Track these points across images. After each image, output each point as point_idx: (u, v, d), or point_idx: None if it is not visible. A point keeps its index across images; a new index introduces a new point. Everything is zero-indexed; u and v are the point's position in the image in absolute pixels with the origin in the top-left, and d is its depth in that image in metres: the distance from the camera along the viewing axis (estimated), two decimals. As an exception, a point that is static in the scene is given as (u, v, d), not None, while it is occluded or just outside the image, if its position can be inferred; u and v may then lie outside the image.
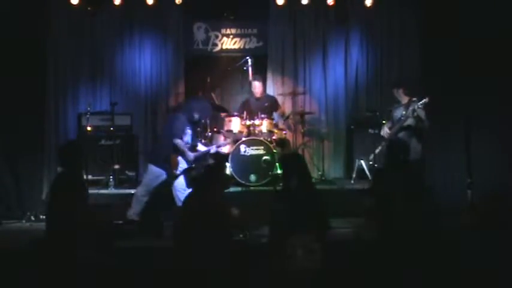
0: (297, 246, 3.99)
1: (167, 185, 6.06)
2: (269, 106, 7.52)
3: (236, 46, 8.36)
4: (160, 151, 6.09)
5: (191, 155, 6.02)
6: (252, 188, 6.88)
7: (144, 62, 8.04)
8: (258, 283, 4.07)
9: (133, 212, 5.97)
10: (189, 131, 6.13)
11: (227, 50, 8.37)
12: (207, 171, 4.72)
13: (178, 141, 5.95)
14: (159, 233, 5.67)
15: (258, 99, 7.62)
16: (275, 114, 7.58)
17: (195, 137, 6.37)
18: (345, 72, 8.19)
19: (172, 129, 6.03)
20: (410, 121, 6.19)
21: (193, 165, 6.10)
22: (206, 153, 6.46)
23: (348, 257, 4.74)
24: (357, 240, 5.04)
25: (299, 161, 4.50)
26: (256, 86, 7.57)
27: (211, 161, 7.13)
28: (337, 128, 8.22)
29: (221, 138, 7.54)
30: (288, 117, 7.75)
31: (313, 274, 3.95)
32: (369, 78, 8.17)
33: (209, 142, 7.24)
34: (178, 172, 6.00)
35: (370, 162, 6.79)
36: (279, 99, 7.88)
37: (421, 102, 6.00)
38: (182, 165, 6.04)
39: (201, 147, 6.43)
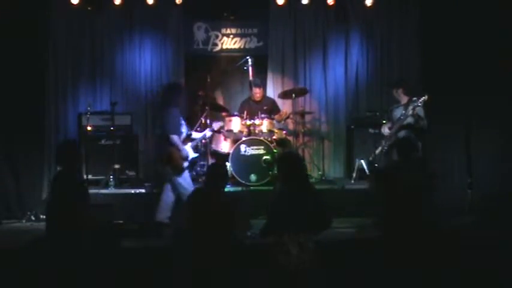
0: (292, 244, 4.00)
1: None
2: (268, 109, 7.48)
3: (236, 46, 8.36)
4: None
5: (185, 151, 6.00)
6: (252, 188, 6.87)
7: (144, 61, 8.02)
8: (258, 283, 4.08)
9: (164, 216, 5.98)
10: (183, 122, 6.16)
11: (227, 50, 8.36)
12: (210, 171, 4.74)
13: (174, 137, 5.92)
14: (159, 233, 5.67)
15: (257, 102, 7.61)
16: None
17: (187, 126, 6.36)
18: (345, 72, 8.18)
19: (169, 125, 5.97)
20: (409, 120, 6.18)
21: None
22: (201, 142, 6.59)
23: (347, 257, 4.75)
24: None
25: (295, 160, 4.50)
26: (257, 92, 7.56)
27: (211, 160, 7.16)
28: (337, 128, 8.21)
29: (221, 138, 7.54)
30: (287, 117, 7.74)
31: (307, 273, 3.96)
32: (369, 78, 8.15)
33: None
34: (185, 165, 6.02)
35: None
36: (279, 100, 7.86)
37: (420, 100, 5.99)
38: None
39: (196, 135, 6.49)
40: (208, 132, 6.60)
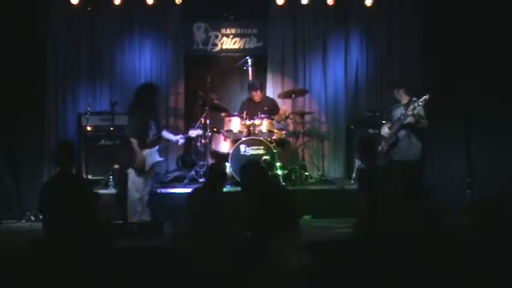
0: (284, 244, 4.01)
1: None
2: (268, 110, 7.46)
3: (236, 46, 8.35)
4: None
5: (140, 156, 5.86)
6: (252, 188, 6.86)
7: (144, 62, 8.02)
8: (258, 283, 4.08)
9: (135, 216, 5.95)
10: (151, 124, 6.01)
11: (227, 50, 8.36)
12: (209, 171, 4.77)
13: (132, 140, 5.86)
14: (159, 233, 5.67)
15: (256, 103, 7.59)
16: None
17: (159, 127, 6.19)
18: (345, 72, 8.17)
19: (129, 128, 6.00)
20: (410, 119, 6.17)
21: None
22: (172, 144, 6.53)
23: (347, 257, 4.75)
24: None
25: (251, 169, 4.59)
26: (255, 95, 7.53)
27: (211, 161, 7.17)
28: (337, 128, 8.20)
29: (221, 138, 7.53)
30: (287, 117, 7.74)
31: (302, 271, 3.96)
32: (369, 78, 8.15)
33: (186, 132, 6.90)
34: (148, 166, 5.95)
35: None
36: (278, 100, 7.85)
37: (421, 100, 5.98)
38: (152, 158, 5.99)
39: (167, 135, 6.31)
40: (180, 140, 6.36)
